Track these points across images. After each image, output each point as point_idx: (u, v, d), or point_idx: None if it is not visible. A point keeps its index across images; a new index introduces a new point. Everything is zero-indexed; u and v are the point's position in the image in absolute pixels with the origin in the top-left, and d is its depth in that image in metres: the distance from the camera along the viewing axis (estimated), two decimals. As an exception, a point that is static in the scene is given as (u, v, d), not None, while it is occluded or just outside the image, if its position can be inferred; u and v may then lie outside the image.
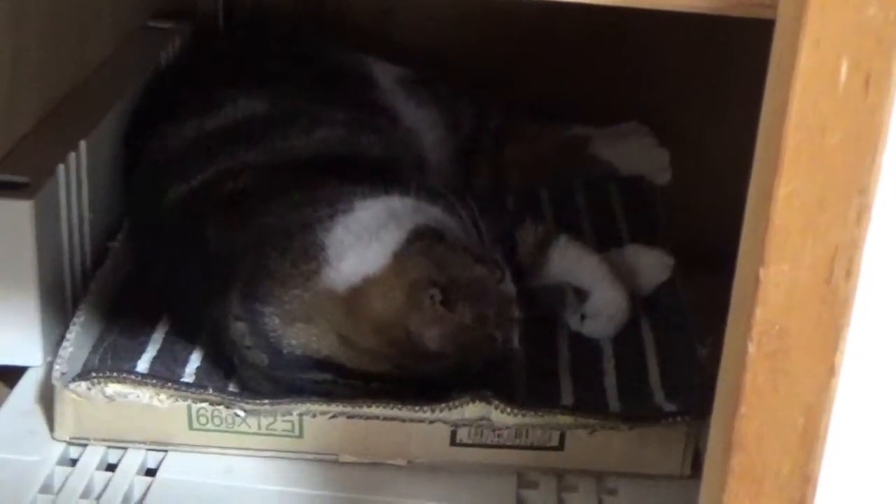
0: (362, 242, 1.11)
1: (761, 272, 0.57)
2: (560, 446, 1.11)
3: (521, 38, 1.42)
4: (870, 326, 0.60)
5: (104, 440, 1.13)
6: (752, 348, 0.59)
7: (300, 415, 1.10)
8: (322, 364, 1.11)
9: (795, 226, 0.57)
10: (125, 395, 1.10)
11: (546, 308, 1.24)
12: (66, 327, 1.18)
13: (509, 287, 1.13)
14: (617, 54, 1.47)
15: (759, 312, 0.58)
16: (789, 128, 0.55)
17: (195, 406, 1.11)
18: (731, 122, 0.67)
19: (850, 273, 0.57)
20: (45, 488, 1.07)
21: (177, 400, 1.11)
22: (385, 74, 1.41)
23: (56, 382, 1.11)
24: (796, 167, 0.56)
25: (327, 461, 1.11)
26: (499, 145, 1.48)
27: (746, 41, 0.61)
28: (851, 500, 0.63)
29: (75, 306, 1.23)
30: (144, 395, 1.10)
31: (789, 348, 0.59)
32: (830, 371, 0.59)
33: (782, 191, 0.56)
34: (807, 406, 0.59)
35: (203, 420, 1.11)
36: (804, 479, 0.61)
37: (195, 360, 1.18)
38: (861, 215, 0.56)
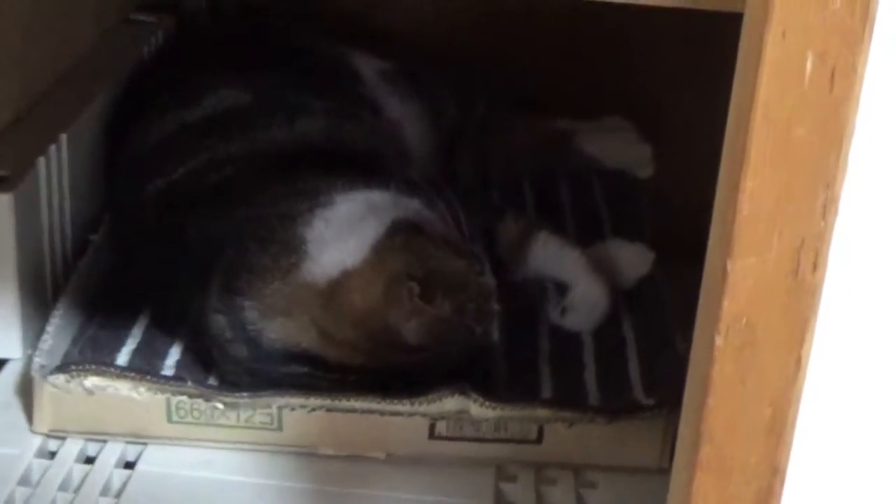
0: (342, 236, 1.12)
1: (728, 265, 0.58)
2: (539, 440, 1.12)
3: (506, 31, 1.42)
4: (837, 319, 0.60)
5: (83, 433, 1.13)
6: (719, 340, 0.59)
7: (279, 408, 1.10)
8: (301, 357, 1.11)
9: (762, 218, 0.57)
10: (104, 388, 1.10)
11: (526, 301, 1.24)
12: (45, 320, 1.19)
13: (489, 280, 1.13)
14: (601, 49, 1.47)
15: (726, 305, 0.58)
16: (756, 120, 0.55)
17: (174, 399, 1.11)
18: (713, 118, 0.66)
19: (816, 265, 0.57)
20: (24, 481, 1.08)
21: (156, 393, 1.11)
22: (368, 67, 1.41)
23: (35, 375, 1.12)
24: (763, 160, 0.56)
25: (306, 454, 1.12)
26: (483, 137, 1.48)
27: (729, 38, 0.61)
28: (819, 490, 0.63)
29: (55, 299, 1.23)
30: (123, 388, 1.10)
31: (756, 340, 0.59)
32: (797, 363, 0.59)
33: (749, 183, 0.57)
34: (774, 398, 0.60)
35: (182, 413, 1.11)
36: (772, 471, 0.61)
37: (175, 354, 1.18)
38: (827, 208, 0.57)
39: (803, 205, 0.57)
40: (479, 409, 1.09)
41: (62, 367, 1.11)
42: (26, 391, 1.15)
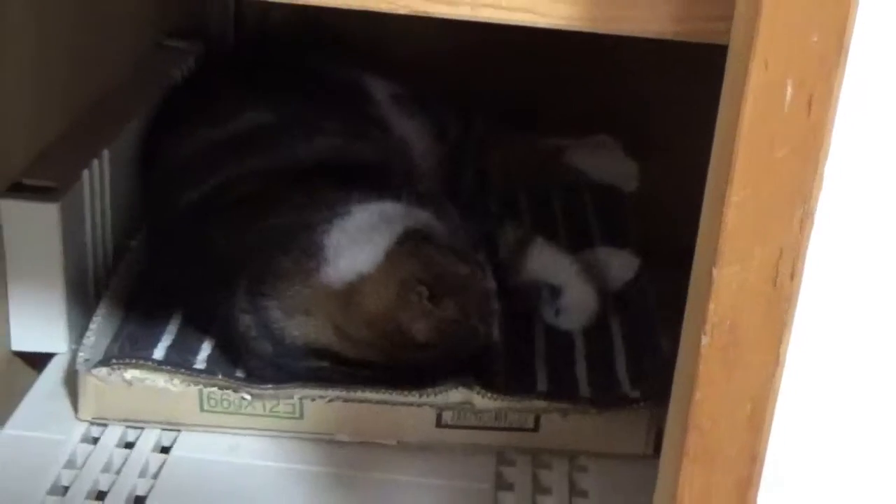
0: (357, 243, 1.11)
1: (714, 272, 0.58)
2: (535, 428, 1.12)
3: (502, 57, 1.42)
4: (812, 322, 0.60)
5: (123, 420, 1.13)
6: (705, 341, 0.59)
7: (300, 398, 1.10)
8: (320, 353, 1.11)
9: (745, 230, 0.57)
10: (142, 380, 1.10)
11: (524, 303, 1.23)
12: (89, 318, 1.18)
13: (490, 284, 1.13)
14: (592, 72, 1.46)
15: (712, 308, 0.58)
16: (740, 142, 0.55)
17: (206, 390, 1.11)
18: (695, 137, 0.66)
19: (793, 274, 0.57)
20: (70, 464, 1.08)
21: (189, 385, 1.11)
22: (379, 89, 1.40)
23: (80, 368, 1.11)
24: (746, 177, 0.56)
25: (324, 440, 1.11)
26: (482, 154, 1.48)
27: (713, 64, 0.61)
28: (793, 477, 0.63)
29: (97, 299, 1.22)
30: (159, 380, 1.11)
31: (739, 341, 0.59)
32: (776, 362, 0.59)
33: (734, 198, 0.56)
34: (754, 393, 0.60)
35: (213, 403, 1.11)
36: (751, 459, 0.61)
37: (206, 349, 1.18)
38: (804, 221, 0.57)
39: (782, 218, 0.57)
40: (481, 400, 1.09)
41: (104, 361, 1.11)
42: (71, 382, 1.15)
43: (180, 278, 1.22)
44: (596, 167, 1.52)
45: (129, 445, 1.11)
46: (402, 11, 0.62)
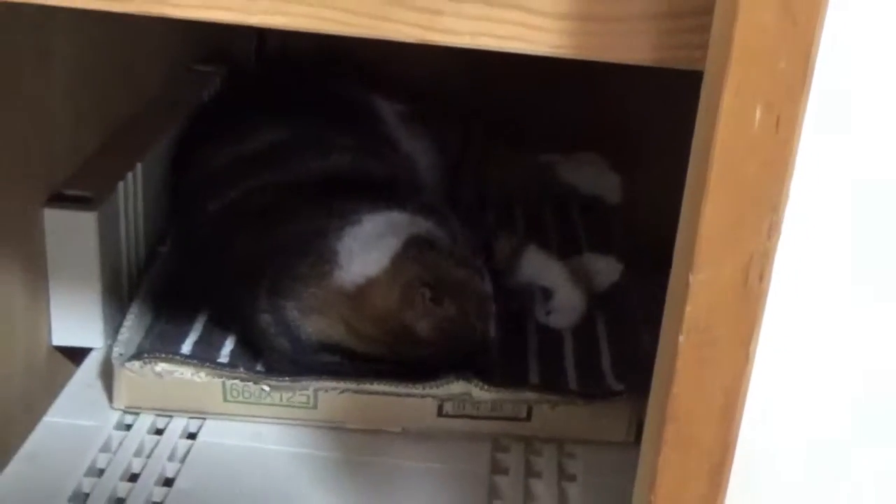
0: (367, 249, 1.11)
1: (691, 276, 0.57)
2: (528, 418, 1.12)
3: (501, 79, 1.41)
4: (779, 322, 0.60)
5: (154, 409, 1.13)
6: (682, 339, 0.59)
7: (314, 390, 1.10)
8: (332, 348, 1.11)
9: (718, 239, 0.57)
10: (171, 373, 1.10)
11: (518, 304, 1.23)
12: (123, 316, 1.19)
13: (487, 286, 1.13)
14: (580, 94, 1.46)
15: (688, 310, 0.58)
16: (714, 158, 0.55)
17: (229, 382, 1.11)
18: (673, 154, 0.66)
19: (762, 277, 0.57)
20: (105, 448, 1.08)
21: (213, 377, 1.11)
22: (387, 109, 1.40)
23: (114, 361, 1.12)
24: (720, 190, 0.56)
25: (336, 428, 1.11)
26: (480, 169, 1.48)
27: (688, 87, 0.61)
28: (760, 460, 0.63)
29: (131, 299, 1.23)
30: (187, 373, 1.11)
31: (713, 339, 0.59)
32: (746, 358, 0.59)
33: (708, 209, 0.56)
34: (726, 387, 0.60)
35: (235, 393, 1.11)
36: (723, 446, 0.61)
37: (229, 345, 1.18)
38: (772, 230, 0.56)
39: (752, 228, 0.57)
40: (478, 392, 1.09)
41: (137, 355, 1.12)
42: (107, 374, 1.15)
43: (206, 280, 1.22)
44: (583, 181, 1.52)
45: (159, 432, 1.11)
46: (410, 40, 0.62)
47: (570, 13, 0.61)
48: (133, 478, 1.04)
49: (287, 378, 1.10)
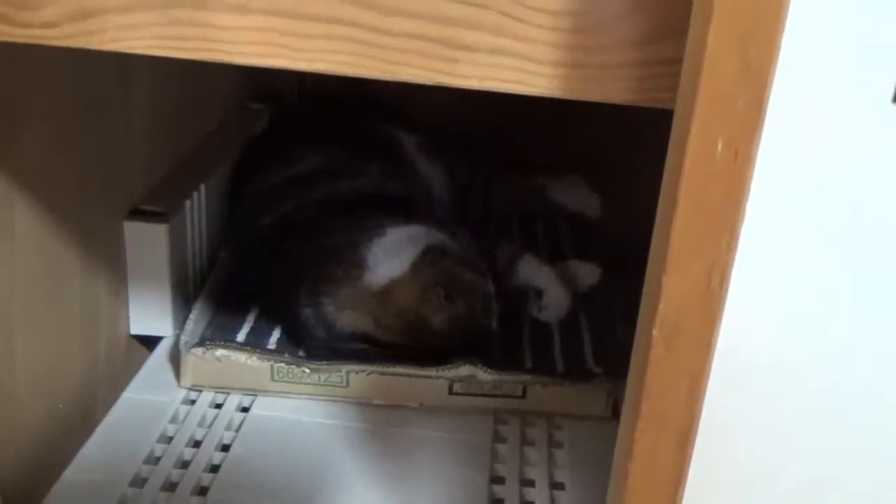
0: (390, 256, 1.11)
1: (663, 280, 0.57)
2: (523, 396, 1.12)
3: (502, 115, 1.41)
4: (734, 319, 0.59)
5: (213, 387, 1.13)
6: (655, 332, 0.58)
7: (347, 372, 1.10)
8: (362, 338, 1.11)
9: (686, 249, 0.57)
10: (228, 357, 1.11)
11: (515, 301, 1.23)
12: (188, 310, 1.19)
13: (490, 287, 1.13)
14: (568, 127, 1.45)
15: (661, 308, 0.58)
16: (682, 183, 0.55)
17: (275, 365, 1.11)
18: (647, 178, 0.66)
19: (722, 282, 0.57)
20: (173, 419, 1.08)
21: (263, 361, 1.11)
22: (407, 140, 1.40)
23: (181, 348, 1.12)
24: (687, 210, 0.56)
25: (364, 403, 1.11)
26: (485, 190, 1.47)
27: (660, 122, 0.61)
28: (718, 431, 0.62)
29: (195, 296, 1.23)
30: (241, 357, 1.11)
31: (681, 333, 0.58)
32: (708, 349, 0.59)
33: (677, 226, 0.56)
34: (692, 372, 0.59)
35: (281, 375, 1.11)
36: (689, 420, 0.61)
37: (276, 335, 1.18)
38: (730, 244, 0.56)
39: (713, 242, 0.56)
40: (482, 374, 1.09)
41: (199, 343, 1.12)
42: (175, 359, 1.15)
43: (257, 281, 1.22)
44: (568, 200, 1.52)
45: (218, 406, 1.11)
46: (428, 83, 0.62)
47: (562, 62, 0.61)
48: (196, 444, 1.04)
49: (324, 362, 1.11)
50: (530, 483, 1.02)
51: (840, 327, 0.59)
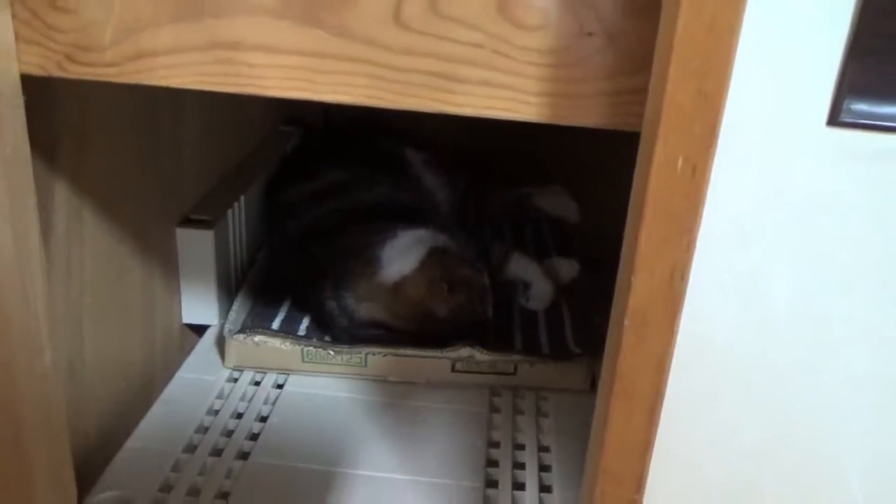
0: (401, 255, 1.11)
1: (632, 278, 0.57)
2: (514, 372, 1.11)
3: (495, 134, 1.41)
4: (693, 310, 0.59)
5: (253, 368, 1.13)
6: (626, 321, 0.58)
7: (365, 354, 1.10)
8: (378, 325, 1.11)
9: (652, 250, 0.56)
10: (265, 342, 1.11)
11: (507, 293, 1.23)
12: (231, 302, 1.18)
13: (486, 281, 1.13)
14: (551, 144, 1.45)
15: (630, 301, 0.58)
16: (648, 195, 0.55)
17: (305, 349, 1.11)
18: (619, 188, 0.66)
19: (683, 278, 0.57)
20: (219, 395, 1.08)
21: (295, 345, 1.11)
22: (415, 157, 1.40)
23: (226, 334, 1.12)
24: (652, 218, 0.55)
25: (380, 380, 1.11)
26: (481, 199, 1.48)
27: (630, 141, 0.60)
28: (682, 404, 0.62)
29: (237, 290, 1.22)
30: (276, 342, 1.11)
31: (648, 321, 0.58)
32: (671, 335, 0.59)
33: (644, 230, 0.56)
34: (658, 355, 0.59)
35: (310, 357, 1.11)
36: (656, 395, 0.60)
37: (305, 322, 1.17)
38: (689, 245, 0.56)
39: (675, 243, 0.56)
40: (480, 354, 1.09)
41: (241, 330, 1.12)
42: (220, 344, 1.15)
43: (289, 278, 1.22)
44: (552, 206, 1.52)
45: (257, 384, 1.11)
46: (432, 111, 0.62)
47: (545, 92, 0.60)
48: (239, 416, 1.04)
49: (346, 346, 1.10)
50: (521, 446, 1.01)
51: (778, 314, 0.59)
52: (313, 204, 1.24)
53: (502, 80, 0.60)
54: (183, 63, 0.62)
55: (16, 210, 0.66)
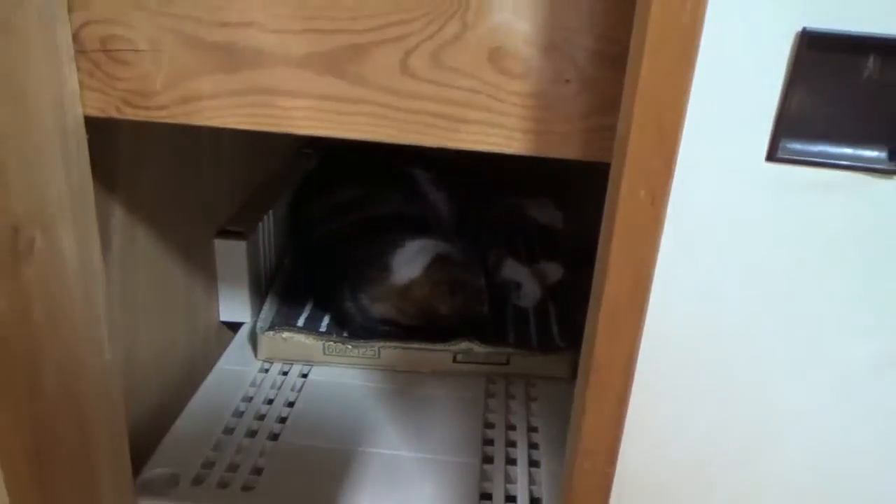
0: (409, 262, 1.12)
1: (605, 284, 0.58)
2: (507, 363, 1.12)
3: (491, 157, 1.41)
4: (654, 312, 0.60)
5: (281, 360, 1.14)
6: (601, 315, 0.59)
7: (378, 347, 1.11)
8: (389, 322, 1.12)
9: (620, 264, 0.58)
10: (291, 337, 1.12)
11: (501, 293, 1.24)
12: (262, 303, 1.20)
13: (483, 283, 1.14)
14: (541, 164, 1.45)
15: (604, 303, 0.59)
16: (617, 219, 0.56)
17: (326, 343, 1.12)
18: (595, 200, 0.66)
19: (647, 285, 0.58)
20: (252, 384, 1.09)
21: (317, 340, 1.12)
22: (421, 175, 1.40)
23: (258, 331, 1.13)
24: (621, 233, 0.57)
25: (391, 370, 1.12)
26: (478, 210, 1.47)
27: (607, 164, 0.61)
28: (652, 380, 0.63)
29: (267, 293, 1.23)
30: (300, 337, 1.12)
31: (619, 314, 0.59)
32: (639, 326, 0.60)
33: (614, 247, 0.57)
34: (629, 341, 0.60)
35: (330, 350, 1.12)
36: (625, 385, 0.61)
37: (326, 320, 1.18)
38: (651, 260, 0.57)
39: (640, 256, 0.57)
40: (477, 347, 1.10)
41: (270, 327, 1.13)
42: (253, 339, 1.16)
43: (312, 282, 1.23)
44: (540, 215, 1.52)
45: (285, 374, 1.12)
46: (435, 145, 0.64)
47: (530, 129, 0.62)
48: (270, 402, 1.05)
49: (361, 340, 1.11)
50: (513, 427, 1.02)
51: (722, 316, 0.60)
52: (332, 216, 1.25)
53: (495, 119, 0.62)
54: (224, 106, 0.64)
55: (79, 230, 0.68)
